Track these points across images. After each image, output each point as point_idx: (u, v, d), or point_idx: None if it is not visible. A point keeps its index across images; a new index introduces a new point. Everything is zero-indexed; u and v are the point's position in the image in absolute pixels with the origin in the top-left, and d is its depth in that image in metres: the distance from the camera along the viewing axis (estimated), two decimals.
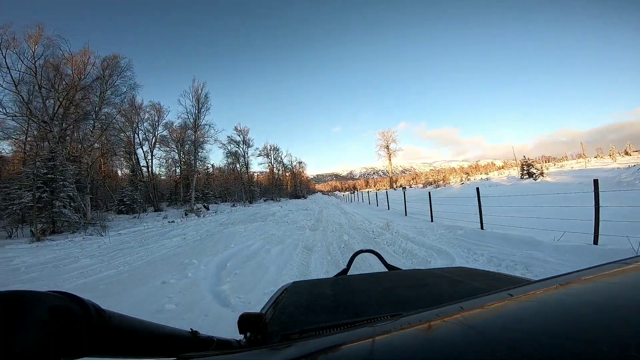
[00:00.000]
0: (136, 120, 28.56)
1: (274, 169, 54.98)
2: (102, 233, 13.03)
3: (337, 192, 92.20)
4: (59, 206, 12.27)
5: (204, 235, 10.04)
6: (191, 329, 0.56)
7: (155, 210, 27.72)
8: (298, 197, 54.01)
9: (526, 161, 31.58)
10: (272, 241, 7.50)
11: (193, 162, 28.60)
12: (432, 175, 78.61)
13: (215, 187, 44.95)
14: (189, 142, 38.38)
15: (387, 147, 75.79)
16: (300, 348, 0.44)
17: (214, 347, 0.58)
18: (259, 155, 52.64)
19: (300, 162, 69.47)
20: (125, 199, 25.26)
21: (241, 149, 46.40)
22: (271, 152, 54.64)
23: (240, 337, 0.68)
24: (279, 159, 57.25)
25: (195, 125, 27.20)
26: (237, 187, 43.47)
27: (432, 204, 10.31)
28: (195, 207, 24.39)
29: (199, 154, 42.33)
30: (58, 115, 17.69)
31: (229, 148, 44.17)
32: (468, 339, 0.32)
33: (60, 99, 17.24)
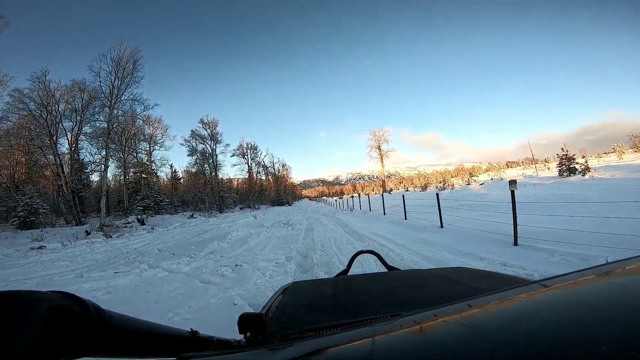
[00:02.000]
0: (46, 103, 20.18)
1: (252, 172, 46.41)
2: None
3: (325, 198, 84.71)
4: None
5: None
6: (191, 329, 0.55)
7: (77, 224, 19.64)
8: (282, 204, 46.01)
9: (565, 155, 25.41)
10: None
11: (105, 153, 20.08)
12: (422, 179, 72.82)
13: (180, 193, 36.90)
14: (137, 135, 30.45)
15: (379, 147, 69.72)
16: (300, 348, 0.45)
17: (213, 347, 0.57)
18: (233, 155, 43.70)
19: (284, 165, 61.68)
20: (19, 210, 17.18)
21: (208, 146, 37.89)
22: (248, 151, 45.50)
23: (240, 337, 0.67)
24: (258, 159, 47.97)
25: (111, 99, 18.47)
26: (205, 193, 35.49)
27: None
28: (107, 223, 16.47)
29: (156, 151, 34.77)
30: None
31: (193, 144, 36.18)
32: (468, 339, 0.32)
33: None
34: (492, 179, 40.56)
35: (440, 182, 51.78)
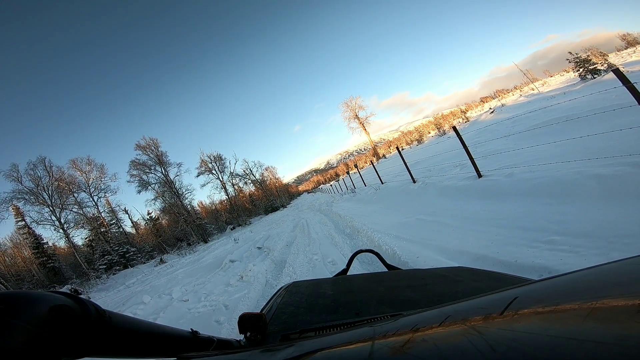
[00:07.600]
0: None
1: (227, 185, 39.88)
2: None
3: (321, 186, 79.98)
4: None
5: None
6: (191, 329, 0.56)
7: None
8: (275, 209, 40.91)
9: (577, 57, 20.29)
10: None
11: None
12: (416, 133, 68.42)
13: (166, 233, 31.91)
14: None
15: (357, 116, 64.80)
16: (300, 348, 0.45)
17: (214, 347, 0.58)
18: (199, 175, 37.38)
19: (266, 168, 56.06)
20: None
21: (159, 173, 31.36)
22: (214, 164, 38.77)
23: (240, 337, 0.67)
24: (230, 170, 40.70)
25: None
26: (179, 227, 30.40)
27: None
28: None
29: (113, 196, 29.47)
30: None
31: (144, 177, 30.32)
32: (468, 339, 0.32)
33: None
34: (490, 108, 36.08)
35: (435, 130, 47.33)
